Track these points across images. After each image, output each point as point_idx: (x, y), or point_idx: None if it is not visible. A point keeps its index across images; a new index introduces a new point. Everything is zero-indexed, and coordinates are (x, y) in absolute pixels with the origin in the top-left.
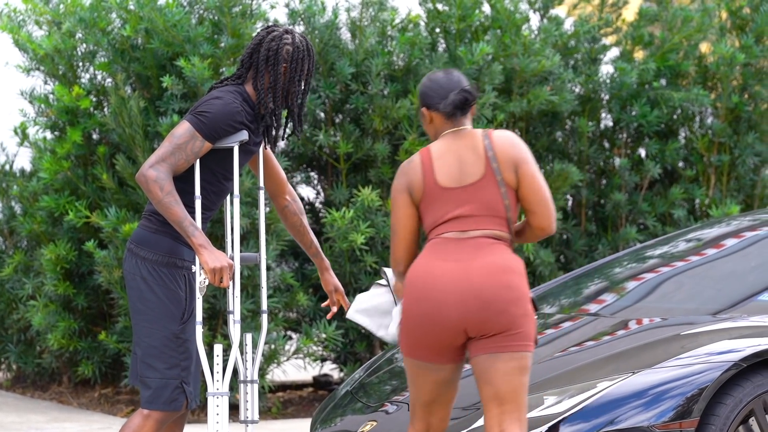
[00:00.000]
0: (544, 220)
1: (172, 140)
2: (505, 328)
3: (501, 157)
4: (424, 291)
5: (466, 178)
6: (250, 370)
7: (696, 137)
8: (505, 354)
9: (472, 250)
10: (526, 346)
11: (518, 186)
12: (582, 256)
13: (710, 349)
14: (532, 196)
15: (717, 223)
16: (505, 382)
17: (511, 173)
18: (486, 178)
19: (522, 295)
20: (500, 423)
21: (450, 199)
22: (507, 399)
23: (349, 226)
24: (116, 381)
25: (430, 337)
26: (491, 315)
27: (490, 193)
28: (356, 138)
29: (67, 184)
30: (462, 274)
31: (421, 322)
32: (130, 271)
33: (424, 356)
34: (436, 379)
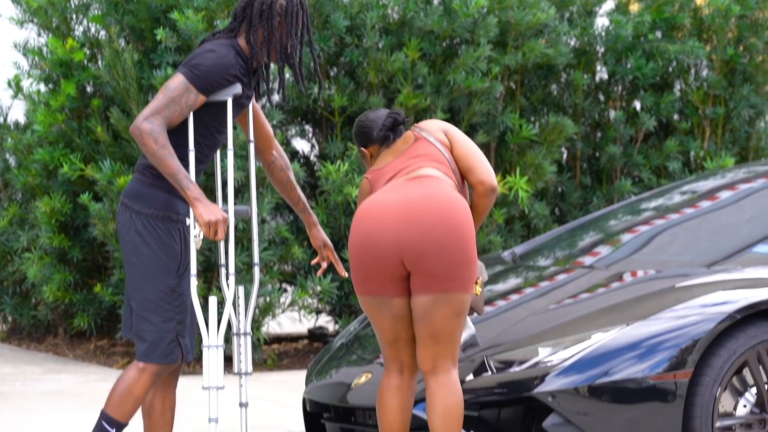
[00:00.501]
0: (481, 172)
1: (166, 93)
2: (444, 268)
3: (428, 128)
4: (362, 219)
5: (398, 153)
6: (244, 323)
7: (691, 90)
8: (446, 296)
9: (417, 185)
10: (466, 287)
11: (451, 147)
12: (577, 209)
13: (704, 300)
14: (464, 152)
15: (712, 176)
16: (443, 325)
17: (440, 135)
18: (419, 141)
19: (464, 233)
20: (434, 360)
21: (390, 169)
22: (444, 339)
23: (344, 179)
24: (112, 333)
25: (370, 266)
26: (430, 248)
27: (427, 148)
28: (351, 91)
29: (61, 136)
30: (402, 200)
31: (360, 251)
32: (124, 225)
33: (371, 289)
34: (390, 315)
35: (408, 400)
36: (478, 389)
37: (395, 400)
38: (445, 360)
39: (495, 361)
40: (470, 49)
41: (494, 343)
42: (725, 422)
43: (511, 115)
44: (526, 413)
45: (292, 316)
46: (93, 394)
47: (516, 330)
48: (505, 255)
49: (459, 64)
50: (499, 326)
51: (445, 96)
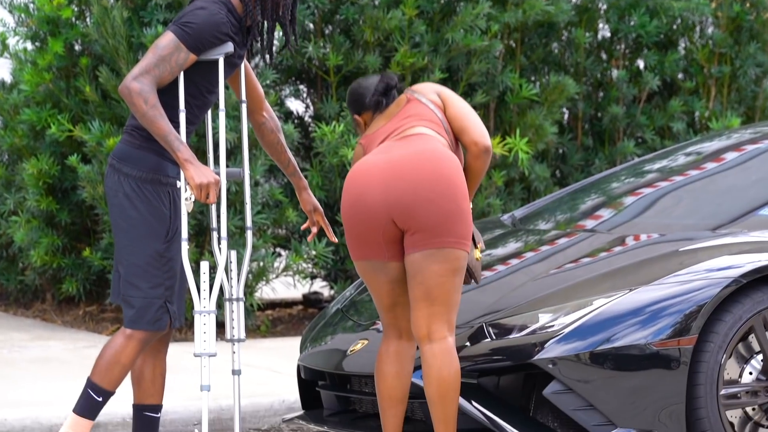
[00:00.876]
0: (474, 132)
1: (155, 51)
2: (435, 223)
3: (421, 90)
4: (351, 182)
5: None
6: (236, 288)
7: (696, 48)
8: (439, 252)
9: (406, 143)
10: (461, 243)
11: (444, 108)
12: (578, 171)
13: (709, 265)
14: (457, 112)
15: (717, 136)
16: (438, 284)
17: (434, 96)
18: (411, 102)
19: (454, 187)
20: (429, 324)
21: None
22: (438, 300)
23: (339, 140)
24: (101, 299)
25: (361, 228)
26: (418, 202)
27: (420, 108)
28: (346, 50)
29: (48, 96)
30: (388, 160)
31: (350, 214)
32: (112, 188)
33: (365, 254)
34: (387, 279)
35: (407, 367)
36: (476, 356)
37: (394, 366)
38: (440, 325)
39: (494, 328)
40: (469, 7)
41: (493, 309)
42: (730, 390)
43: (511, 75)
44: (526, 381)
45: (286, 281)
46: (82, 362)
47: (516, 295)
48: (504, 218)
49: (457, 21)
50: (499, 292)
51: (443, 55)
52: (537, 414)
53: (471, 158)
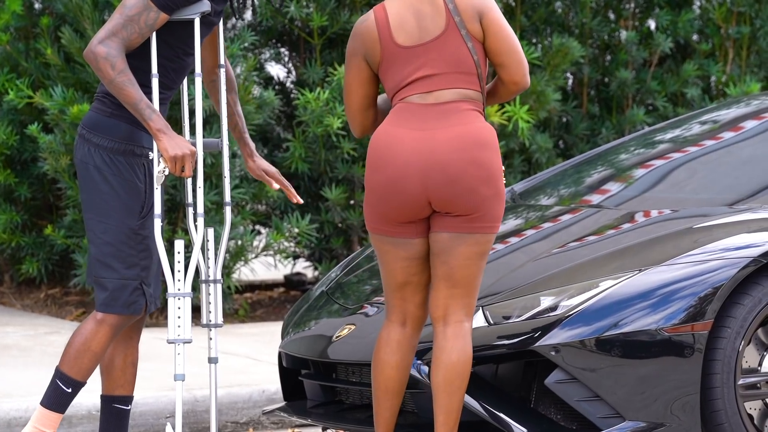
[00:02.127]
0: (516, 73)
1: (123, 11)
2: (473, 209)
3: (462, 7)
4: (384, 160)
5: (426, 35)
6: (213, 269)
7: (712, 6)
8: (469, 236)
9: (438, 117)
10: (492, 227)
11: (485, 38)
12: (583, 141)
13: (726, 243)
14: (500, 46)
15: (735, 103)
16: (462, 266)
17: (475, 24)
18: (449, 32)
19: (493, 173)
20: (446, 306)
21: (411, 58)
22: (460, 282)
23: (324, 108)
24: (64, 280)
25: (392, 209)
26: (459, 192)
27: (456, 47)
28: (331, 9)
29: (6, 59)
30: (426, 144)
31: (383, 193)
32: (82, 160)
33: (389, 230)
34: (406, 256)
35: (407, 358)
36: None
37: (394, 356)
38: (457, 308)
39: (492, 312)
40: None
41: (491, 292)
42: (749, 379)
43: None
44: (527, 369)
45: (267, 262)
46: (43, 349)
47: (515, 277)
48: None
49: None
50: (497, 273)
51: None
52: (538, 405)
53: (503, 89)
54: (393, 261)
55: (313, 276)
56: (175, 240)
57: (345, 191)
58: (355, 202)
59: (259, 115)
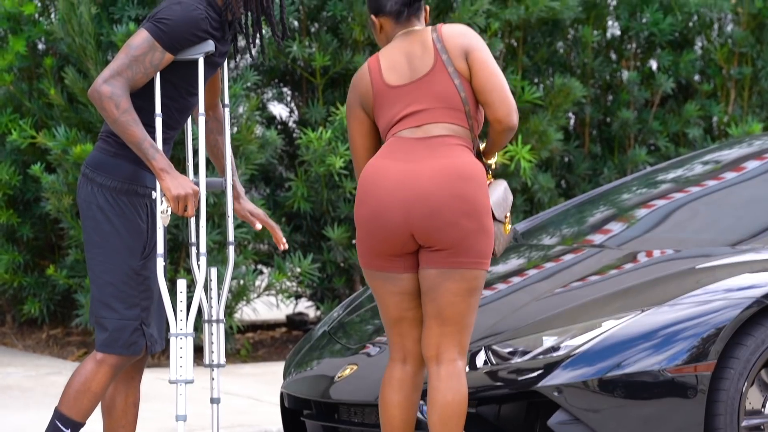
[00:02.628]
0: (499, 110)
1: (128, 51)
2: (455, 243)
3: (450, 46)
4: (368, 192)
5: (415, 73)
6: (216, 309)
7: (714, 47)
8: (454, 271)
9: (424, 150)
10: (479, 263)
11: (471, 76)
12: (585, 181)
13: (729, 284)
14: (485, 84)
15: (737, 144)
16: (451, 303)
17: (462, 62)
18: (436, 70)
19: (477, 207)
20: (438, 344)
21: (401, 96)
22: (449, 320)
23: (326, 148)
24: (66, 321)
25: (377, 242)
26: (440, 225)
27: (443, 85)
28: (334, 49)
29: (9, 100)
30: (409, 176)
31: (366, 225)
32: (85, 199)
33: (378, 264)
34: (396, 291)
35: (411, 397)
36: (475, 383)
37: (396, 395)
38: (450, 347)
39: (494, 352)
40: (467, 2)
41: (494, 332)
42: (753, 420)
43: (513, 76)
44: (529, 410)
45: (269, 301)
46: (45, 390)
47: (518, 317)
48: None
49: (454, 18)
50: (499, 312)
51: None
52: None
53: (493, 132)
54: (385, 296)
55: (315, 316)
56: (177, 279)
57: (347, 231)
58: None
59: (261, 154)
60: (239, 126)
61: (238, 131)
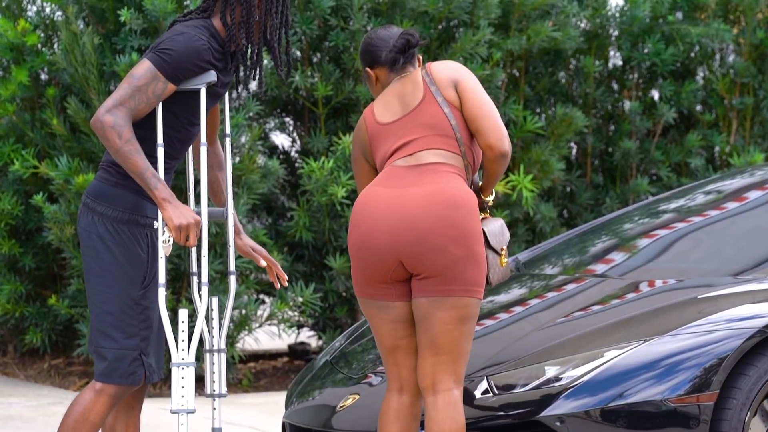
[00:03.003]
0: (490, 136)
1: (131, 81)
2: (443, 270)
3: (438, 78)
4: (358, 218)
5: (406, 108)
6: (217, 338)
7: (716, 77)
8: (445, 300)
9: (415, 176)
10: (469, 291)
11: (461, 105)
12: (588, 211)
13: (731, 314)
14: (475, 112)
15: (739, 174)
16: (443, 331)
17: (451, 91)
18: (426, 101)
19: (466, 234)
20: (433, 374)
21: (393, 131)
22: (444, 349)
23: (328, 177)
24: (68, 350)
25: (367, 268)
26: (427, 251)
27: (433, 114)
28: (336, 79)
29: (12, 130)
30: (398, 200)
31: (356, 251)
32: (86, 229)
33: (371, 292)
34: (389, 319)
35: (409, 427)
36: (477, 413)
37: (393, 425)
38: (445, 376)
39: (496, 381)
40: (469, 33)
41: (495, 361)
42: None
43: (515, 106)
44: None
45: (271, 331)
46: (46, 420)
47: (520, 346)
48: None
49: (456, 48)
50: (501, 342)
51: None
52: None
53: (487, 161)
54: (379, 325)
55: (317, 345)
56: (179, 309)
57: (349, 260)
58: None
59: (263, 184)
60: (241, 156)
61: (240, 161)
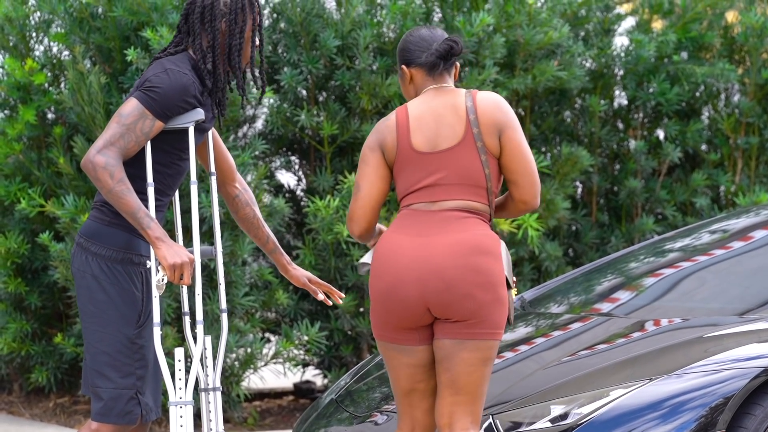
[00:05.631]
0: (526, 193)
1: (119, 120)
2: (470, 315)
3: (483, 120)
4: (385, 267)
5: (442, 142)
6: (212, 377)
7: (721, 117)
8: (469, 342)
9: (439, 225)
10: (494, 334)
11: (501, 154)
12: (593, 250)
13: (737, 353)
14: (515, 165)
15: (744, 213)
16: (464, 372)
17: (493, 139)
18: (464, 143)
19: (492, 279)
20: (451, 413)
21: (423, 164)
22: (463, 390)
23: (334, 216)
24: (73, 389)
25: (393, 316)
26: (455, 298)
27: (469, 160)
28: (342, 118)
29: (19, 168)
30: (424, 250)
31: (382, 300)
32: (80, 269)
33: (393, 337)
34: (410, 363)
35: None
36: None
37: None
38: (463, 416)
39: (502, 420)
40: (475, 72)
41: (501, 400)
42: None
43: None
44: None
45: (276, 369)
46: None
47: (525, 385)
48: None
49: (462, 87)
50: (507, 381)
51: None
52: None
53: (513, 206)
54: (398, 368)
55: (322, 384)
56: (175, 348)
57: (354, 299)
58: (364, 310)
59: (269, 222)
60: None
61: None
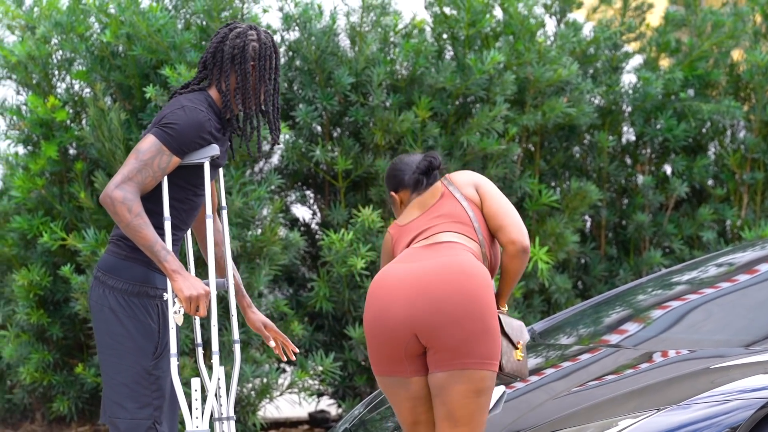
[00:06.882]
0: (512, 231)
1: (137, 156)
2: (459, 343)
3: (457, 181)
4: (373, 294)
5: (425, 207)
6: (225, 406)
7: (727, 153)
8: (460, 373)
9: (430, 251)
10: (484, 364)
11: (482, 203)
12: (602, 282)
13: (743, 384)
14: (497, 209)
15: (750, 247)
16: (461, 404)
17: (470, 189)
18: (444, 197)
19: (480, 307)
20: None
21: (414, 227)
22: (461, 421)
23: (348, 249)
24: (94, 418)
25: (383, 343)
26: (444, 323)
27: (451, 206)
28: (356, 153)
29: (41, 203)
30: (413, 273)
31: (371, 327)
32: (97, 302)
33: (388, 369)
34: (408, 396)
35: None
36: None
37: None
38: None
39: None
40: (485, 108)
41: (511, 430)
42: None
43: (530, 180)
44: None
45: (291, 399)
46: None
47: (535, 415)
48: None
49: (473, 124)
50: (517, 411)
51: (458, 159)
52: None
53: (507, 258)
54: (399, 402)
55: (336, 413)
56: (192, 378)
57: None
58: None
59: (284, 255)
60: (263, 227)
61: (262, 233)
